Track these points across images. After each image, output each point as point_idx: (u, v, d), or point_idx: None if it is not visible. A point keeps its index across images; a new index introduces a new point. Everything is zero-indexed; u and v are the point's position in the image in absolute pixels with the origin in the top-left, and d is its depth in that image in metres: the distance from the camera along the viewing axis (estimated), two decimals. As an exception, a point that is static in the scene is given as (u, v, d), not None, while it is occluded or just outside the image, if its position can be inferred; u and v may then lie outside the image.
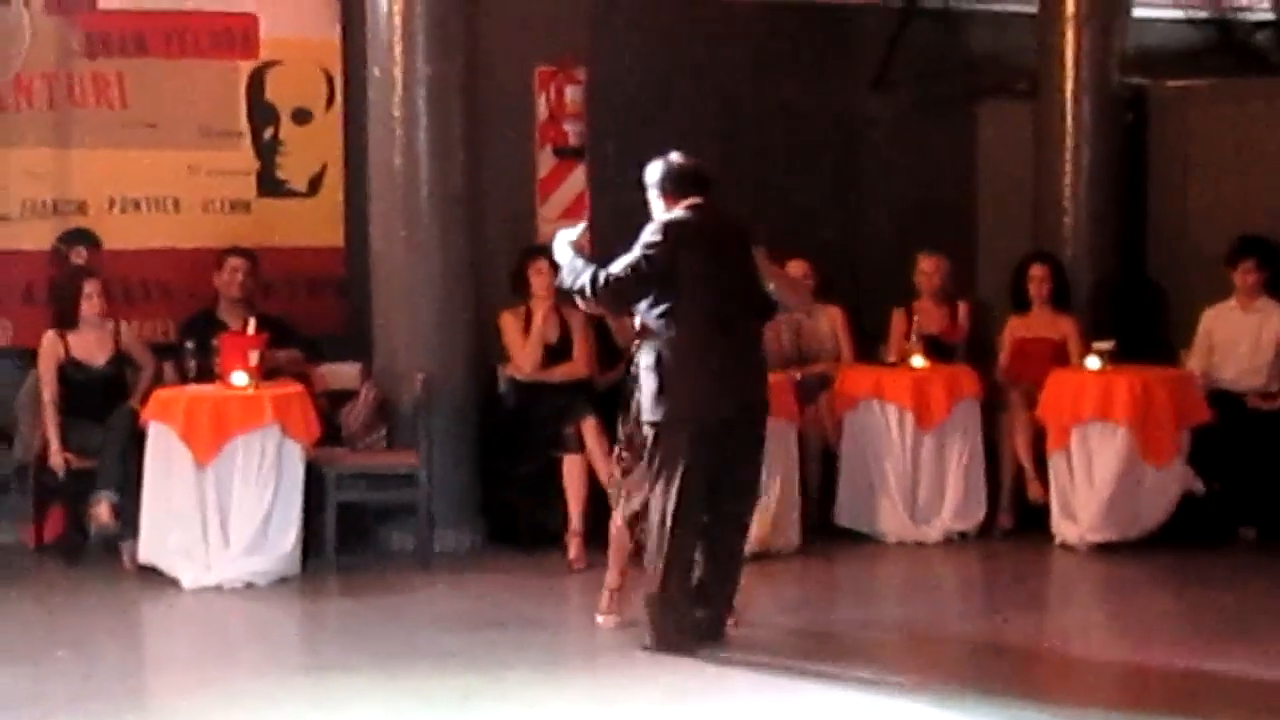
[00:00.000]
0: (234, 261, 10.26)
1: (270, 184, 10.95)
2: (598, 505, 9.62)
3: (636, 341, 7.93)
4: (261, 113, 10.94)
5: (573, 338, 10.16)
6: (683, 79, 11.58)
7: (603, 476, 9.53)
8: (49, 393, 9.82)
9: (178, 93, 10.77)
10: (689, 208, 7.80)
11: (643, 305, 7.75)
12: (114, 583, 9.32)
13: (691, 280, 7.65)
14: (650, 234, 7.72)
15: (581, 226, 8.01)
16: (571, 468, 9.73)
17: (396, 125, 10.00)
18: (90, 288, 9.97)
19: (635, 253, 7.69)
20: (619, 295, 7.72)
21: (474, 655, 7.85)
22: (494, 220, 10.62)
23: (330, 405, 10.09)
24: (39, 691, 7.40)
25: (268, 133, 10.95)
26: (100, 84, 10.69)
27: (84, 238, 10.64)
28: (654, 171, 7.91)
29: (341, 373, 10.37)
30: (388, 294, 10.17)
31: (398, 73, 9.98)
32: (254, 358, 9.43)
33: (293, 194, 10.97)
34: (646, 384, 7.76)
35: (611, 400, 9.96)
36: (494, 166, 10.74)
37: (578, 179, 11.46)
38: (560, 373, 10.13)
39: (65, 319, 9.96)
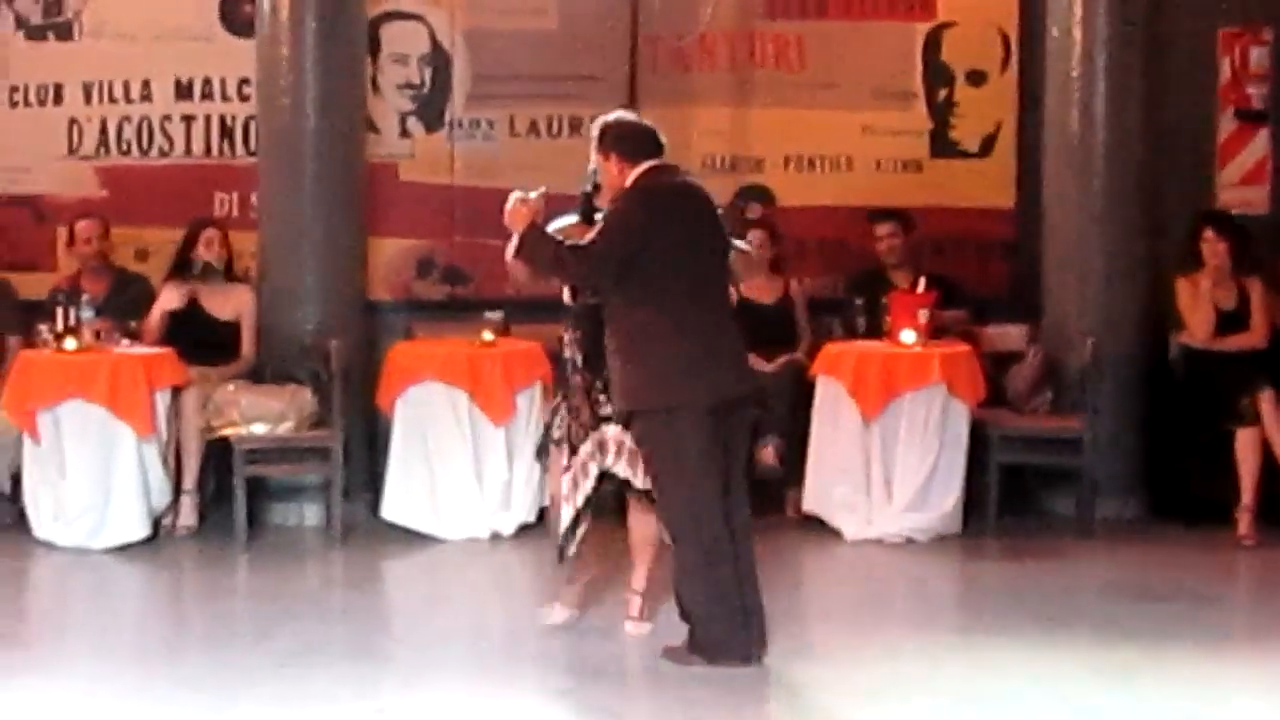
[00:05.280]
0: (884, 228, 10.33)
1: (942, 145, 11.00)
2: (1271, 480, 9.35)
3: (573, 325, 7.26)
4: (936, 74, 11.00)
5: (1250, 307, 9.81)
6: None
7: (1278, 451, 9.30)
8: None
9: (854, 54, 10.94)
10: (651, 170, 6.99)
11: (610, 281, 6.91)
12: (778, 530, 9.51)
13: (671, 251, 6.84)
14: (626, 201, 6.92)
15: (539, 192, 6.95)
16: (1246, 441, 9.39)
17: (1074, 86, 9.87)
18: (757, 236, 10.17)
19: (612, 221, 6.89)
20: (599, 264, 6.85)
21: (1136, 627, 7.70)
22: (1170, 184, 10.33)
23: (994, 367, 10.05)
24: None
25: (942, 94, 11.01)
26: (780, 45, 10.95)
27: (759, 194, 10.93)
28: (608, 129, 7.04)
29: (1007, 334, 10.32)
30: (1058, 256, 10.07)
31: (1077, 34, 9.85)
32: (923, 316, 9.50)
33: (964, 155, 10.99)
34: (622, 367, 6.93)
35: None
36: (1172, 130, 10.45)
37: (1260, 144, 11.04)
38: (1236, 342, 9.78)
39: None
